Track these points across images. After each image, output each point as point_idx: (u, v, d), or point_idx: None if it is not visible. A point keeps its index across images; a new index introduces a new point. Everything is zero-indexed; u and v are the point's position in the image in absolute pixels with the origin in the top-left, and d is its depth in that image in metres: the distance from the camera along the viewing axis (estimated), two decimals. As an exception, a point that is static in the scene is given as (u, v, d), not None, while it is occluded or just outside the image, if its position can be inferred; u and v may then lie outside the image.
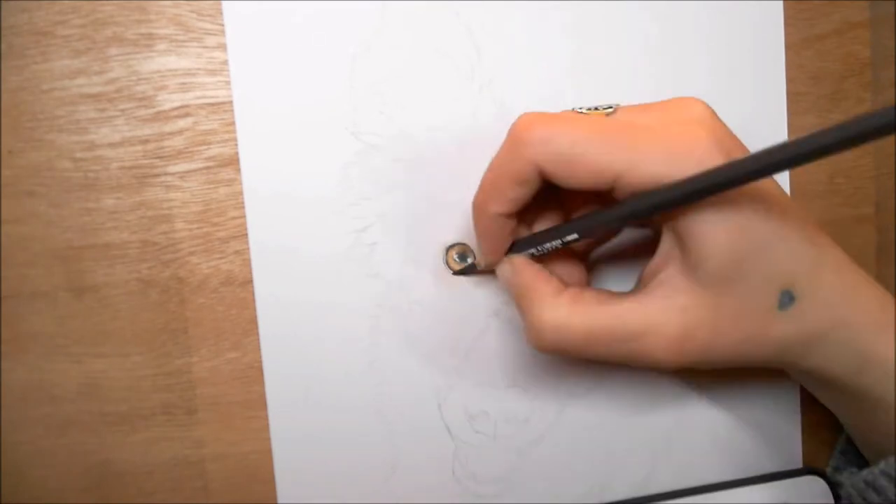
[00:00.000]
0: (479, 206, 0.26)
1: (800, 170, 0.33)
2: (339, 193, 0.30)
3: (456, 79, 0.30)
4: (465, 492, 0.32)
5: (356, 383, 0.31)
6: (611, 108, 0.26)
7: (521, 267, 0.27)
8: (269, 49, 0.29)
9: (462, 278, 0.31)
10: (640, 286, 0.26)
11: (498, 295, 0.31)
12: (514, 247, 0.28)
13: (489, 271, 0.29)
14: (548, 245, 0.27)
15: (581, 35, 0.31)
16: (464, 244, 0.31)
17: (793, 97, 0.33)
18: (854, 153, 0.34)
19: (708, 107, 0.25)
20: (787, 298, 0.24)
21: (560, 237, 0.26)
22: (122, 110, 0.29)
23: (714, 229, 0.24)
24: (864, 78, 0.34)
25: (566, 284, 0.27)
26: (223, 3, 0.29)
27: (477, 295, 0.31)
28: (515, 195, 0.25)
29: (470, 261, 0.31)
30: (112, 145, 0.29)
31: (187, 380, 0.30)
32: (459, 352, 0.31)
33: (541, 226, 0.28)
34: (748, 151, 0.25)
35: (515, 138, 0.25)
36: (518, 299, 0.27)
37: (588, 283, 0.29)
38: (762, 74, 0.33)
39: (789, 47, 0.33)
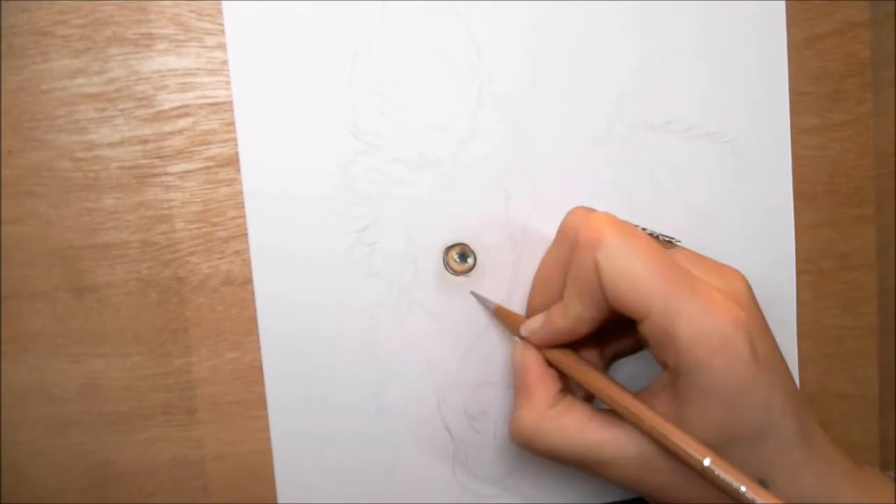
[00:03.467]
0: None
1: (800, 170, 0.33)
2: (339, 193, 0.30)
3: (456, 79, 0.30)
4: (465, 492, 0.32)
5: (356, 383, 0.31)
6: (669, 241, 0.27)
7: (530, 362, 0.28)
8: (269, 49, 0.29)
9: (462, 278, 0.31)
10: None
11: (497, 295, 0.31)
12: None
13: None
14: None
15: (581, 35, 0.31)
16: (463, 244, 0.31)
17: (793, 97, 0.33)
18: (854, 153, 0.34)
19: (749, 288, 0.26)
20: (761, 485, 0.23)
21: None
22: (122, 110, 0.29)
23: (709, 403, 0.24)
24: (864, 78, 0.34)
25: (566, 390, 0.27)
26: (223, 3, 0.29)
27: (477, 295, 0.31)
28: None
29: (470, 261, 0.31)
30: (112, 145, 0.29)
31: (187, 380, 0.30)
32: (459, 352, 0.31)
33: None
34: (772, 339, 0.25)
35: (589, 237, 0.25)
36: (515, 386, 0.28)
37: (604, 365, 0.30)
38: (764, 74, 0.33)
39: (790, 47, 0.33)
